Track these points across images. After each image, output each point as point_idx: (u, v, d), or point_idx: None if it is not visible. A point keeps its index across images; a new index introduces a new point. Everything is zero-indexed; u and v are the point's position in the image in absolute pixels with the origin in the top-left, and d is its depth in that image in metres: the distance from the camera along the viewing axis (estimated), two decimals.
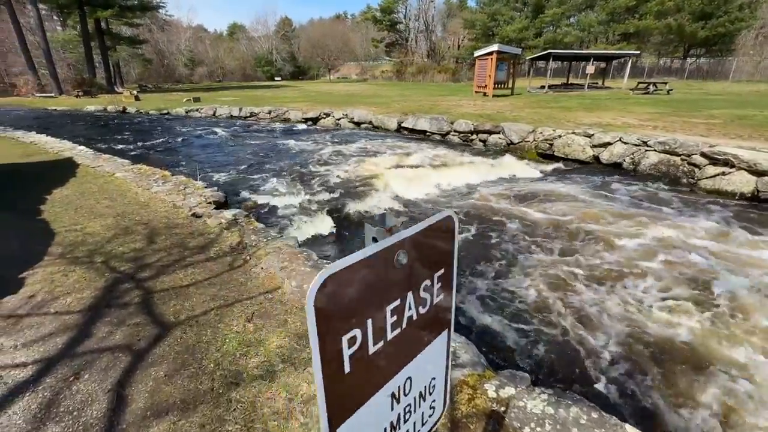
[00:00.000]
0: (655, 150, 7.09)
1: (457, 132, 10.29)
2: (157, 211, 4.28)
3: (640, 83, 19.03)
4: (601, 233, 4.59)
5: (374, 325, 0.57)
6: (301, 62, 58.25)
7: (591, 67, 20.93)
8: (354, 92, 24.02)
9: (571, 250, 4.26)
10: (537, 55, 22.99)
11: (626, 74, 24.10)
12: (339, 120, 13.49)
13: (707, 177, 6.27)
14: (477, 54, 18.42)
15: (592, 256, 4.11)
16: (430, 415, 0.79)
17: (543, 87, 21.03)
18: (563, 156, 8.25)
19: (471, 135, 10.01)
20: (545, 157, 8.53)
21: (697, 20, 32.68)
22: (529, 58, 24.67)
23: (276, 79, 51.43)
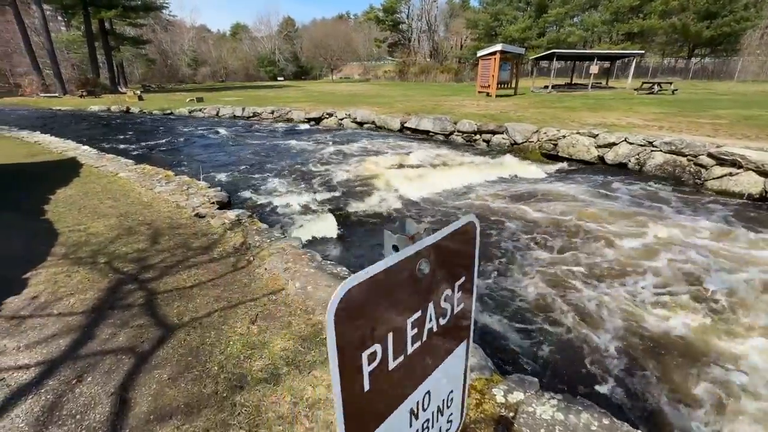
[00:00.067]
0: (660, 150, 7.03)
1: (461, 132, 10.24)
2: (160, 212, 4.26)
3: (645, 83, 18.91)
4: (608, 233, 4.54)
5: (395, 339, 0.54)
6: (303, 62, 58.31)
7: (595, 67, 20.83)
8: (357, 92, 24.00)
9: (575, 249, 4.21)
10: (540, 54, 22.90)
11: (630, 74, 23.95)
12: (342, 120, 13.47)
13: (714, 178, 6.20)
14: (480, 54, 18.36)
15: (601, 255, 4.07)
16: (447, 429, 0.76)
17: (546, 87, 20.94)
18: (567, 156, 8.20)
19: (474, 135, 9.96)
20: (549, 157, 8.47)
21: (702, 20, 32.47)
22: (532, 57, 24.57)
23: (279, 79, 51.50)
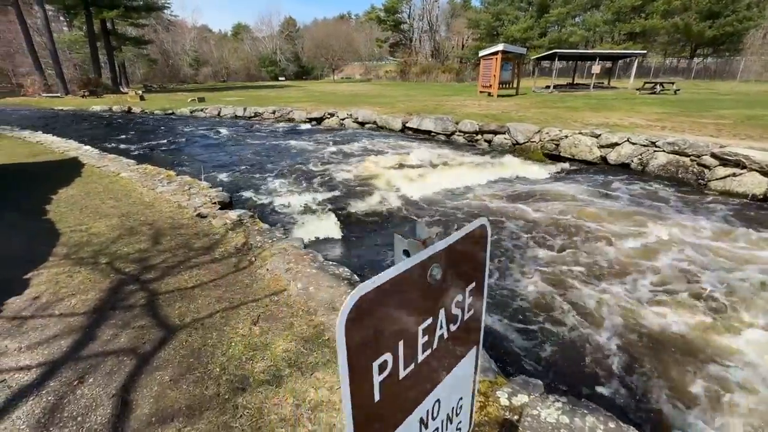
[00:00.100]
0: (663, 151, 7.00)
1: (462, 132, 10.22)
2: (162, 212, 4.26)
3: (647, 83, 18.85)
4: (610, 233, 4.52)
5: (405, 347, 0.53)
6: (305, 62, 58.33)
7: (597, 67, 20.77)
8: (358, 92, 23.99)
9: (577, 249, 4.19)
10: (542, 54, 22.85)
11: (632, 74, 23.88)
12: (343, 120, 13.46)
13: (717, 178, 6.17)
14: (482, 54, 18.33)
15: (603, 254, 4.05)
16: None
17: (548, 87, 20.90)
18: (570, 156, 8.17)
19: (476, 135, 9.94)
20: (551, 157, 8.45)
21: (705, 19, 32.34)
22: (534, 57, 24.50)
23: (280, 79, 51.52)
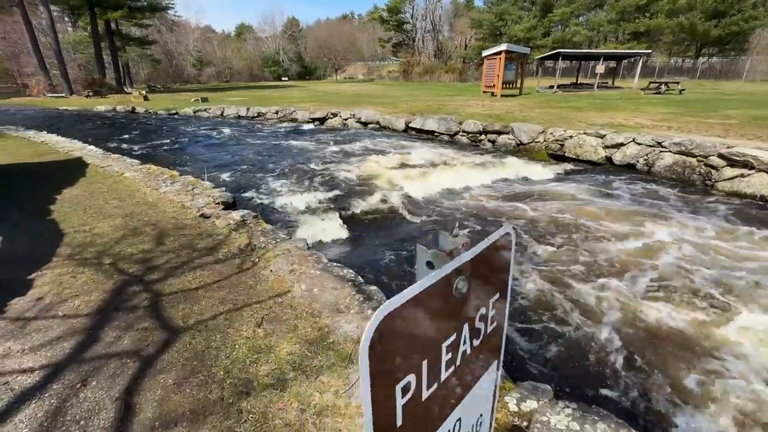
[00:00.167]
0: (670, 151, 6.93)
1: (466, 132, 10.17)
2: (165, 212, 4.25)
3: (652, 83, 18.72)
4: (615, 233, 4.47)
5: (429, 366, 0.49)
6: (307, 62, 58.37)
7: (601, 67, 20.66)
8: (361, 92, 23.97)
9: (581, 248, 4.15)
10: (546, 54, 22.75)
11: (637, 74, 23.75)
12: (346, 120, 13.43)
13: (725, 179, 6.09)
14: (485, 53, 18.26)
15: (606, 252, 4.00)
16: None
17: (552, 87, 20.80)
18: (574, 157, 8.10)
19: (480, 135, 9.89)
20: (556, 158, 8.39)
21: (710, 19, 32.12)
22: (537, 57, 24.43)
23: (283, 79, 51.58)
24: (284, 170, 7.39)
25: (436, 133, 10.74)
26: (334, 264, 3.15)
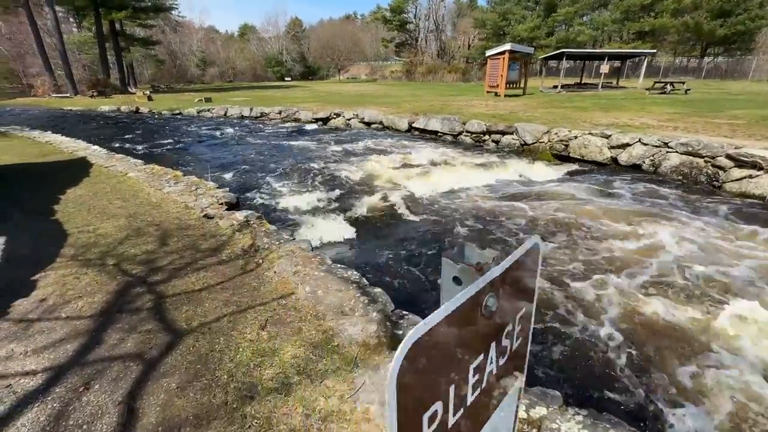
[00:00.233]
0: (676, 152, 6.86)
1: (470, 132, 10.13)
2: (169, 212, 4.23)
3: (657, 83, 18.58)
4: (621, 233, 4.42)
5: (455, 391, 0.46)
6: (311, 62, 58.41)
7: (605, 67, 20.53)
8: (364, 92, 23.95)
9: (588, 248, 4.10)
10: (549, 54, 22.62)
11: (641, 73, 23.55)
12: (349, 120, 13.41)
13: (733, 180, 6.02)
14: (489, 53, 18.19)
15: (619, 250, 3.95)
16: None
17: (556, 87, 20.69)
18: (579, 157, 8.04)
19: (483, 136, 9.84)
20: (560, 158, 8.33)
21: (715, 18, 31.84)
22: (541, 57, 24.26)
23: (286, 79, 51.64)
24: (287, 170, 7.37)
25: (439, 134, 10.70)
26: (338, 265, 3.12)
